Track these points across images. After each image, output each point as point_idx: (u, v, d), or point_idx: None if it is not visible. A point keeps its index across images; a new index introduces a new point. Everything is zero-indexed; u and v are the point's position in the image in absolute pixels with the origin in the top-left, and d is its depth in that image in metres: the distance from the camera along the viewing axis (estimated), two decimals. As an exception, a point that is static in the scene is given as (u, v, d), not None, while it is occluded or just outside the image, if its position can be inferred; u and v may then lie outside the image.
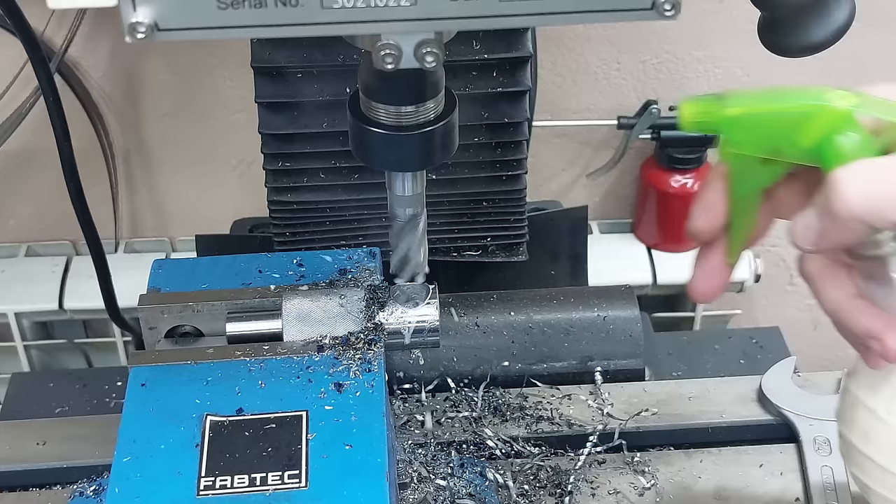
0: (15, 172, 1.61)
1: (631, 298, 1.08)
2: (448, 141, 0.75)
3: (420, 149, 0.74)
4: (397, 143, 0.73)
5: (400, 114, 0.72)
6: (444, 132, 0.74)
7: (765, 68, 1.58)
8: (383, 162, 0.76)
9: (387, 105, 0.72)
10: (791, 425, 0.98)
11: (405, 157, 0.75)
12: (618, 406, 1.01)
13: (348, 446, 0.73)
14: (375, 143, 0.74)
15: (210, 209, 1.65)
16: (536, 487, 0.94)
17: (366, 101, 0.73)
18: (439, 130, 0.73)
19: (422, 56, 0.65)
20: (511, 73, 1.02)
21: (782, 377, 1.01)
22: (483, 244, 1.14)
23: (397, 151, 0.74)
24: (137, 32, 0.60)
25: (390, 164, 0.76)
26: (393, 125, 0.72)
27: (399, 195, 0.79)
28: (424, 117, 0.73)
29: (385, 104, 0.72)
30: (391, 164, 0.76)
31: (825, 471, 0.93)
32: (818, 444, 0.96)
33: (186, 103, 1.57)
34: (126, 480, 0.71)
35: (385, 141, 0.73)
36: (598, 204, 1.72)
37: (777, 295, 1.83)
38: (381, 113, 0.72)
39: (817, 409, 0.99)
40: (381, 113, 0.72)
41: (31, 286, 1.62)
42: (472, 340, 1.04)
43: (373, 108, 0.72)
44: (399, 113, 0.72)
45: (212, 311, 0.86)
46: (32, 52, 1.00)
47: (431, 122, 0.73)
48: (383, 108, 0.72)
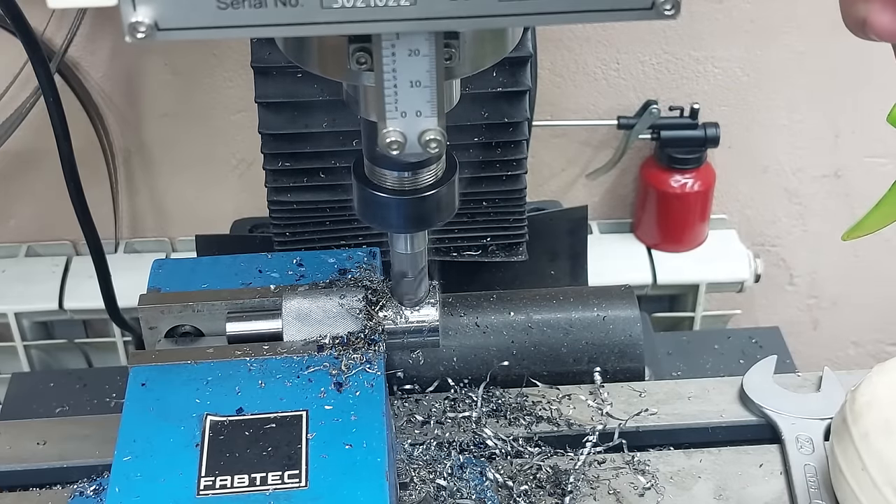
0: (15, 172, 1.61)
1: (631, 298, 1.08)
2: (448, 203, 0.77)
3: (420, 211, 0.76)
4: (398, 206, 0.75)
5: (401, 179, 0.74)
6: (443, 195, 0.76)
7: (765, 68, 1.59)
8: (384, 223, 0.78)
9: (389, 170, 0.74)
10: (773, 425, 0.98)
11: (405, 219, 0.77)
12: (617, 406, 1.01)
13: (348, 446, 0.73)
14: (376, 205, 0.76)
15: (210, 209, 1.65)
16: (536, 487, 0.93)
17: (369, 165, 0.75)
18: (438, 194, 0.75)
19: (425, 143, 0.68)
20: (511, 73, 1.02)
21: (763, 377, 1.02)
22: (483, 244, 1.14)
23: (398, 214, 0.76)
24: (137, 32, 0.60)
25: (392, 226, 0.78)
26: (395, 189, 0.75)
27: (401, 253, 0.81)
28: (425, 182, 0.75)
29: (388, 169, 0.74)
30: (392, 225, 0.78)
31: (808, 469, 0.94)
32: (800, 442, 0.96)
33: (186, 103, 1.57)
34: (126, 480, 0.72)
35: (386, 204, 0.75)
36: (598, 204, 1.72)
37: (777, 295, 1.84)
38: (386, 178, 0.74)
39: (799, 408, 0.99)
40: (385, 177, 0.74)
41: (31, 286, 1.62)
42: (472, 340, 1.04)
43: (376, 172, 0.75)
44: (400, 178, 0.74)
45: (212, 310, 0.86)
46: (32, 52, 1.00)
47: (432, 186, 0.75)
48: (388, 173, 0.74)
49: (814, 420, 0.97)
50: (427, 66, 0.66)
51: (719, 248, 1.69)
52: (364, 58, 0.66)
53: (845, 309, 1.87)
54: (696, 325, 1.71)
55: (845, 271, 1.81)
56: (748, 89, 1.61)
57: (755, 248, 1.74)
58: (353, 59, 0.66)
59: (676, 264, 1.66)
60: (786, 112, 1.64)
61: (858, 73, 1.59)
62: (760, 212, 1.75)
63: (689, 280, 1.66)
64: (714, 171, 1.63)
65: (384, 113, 0.67)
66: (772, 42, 1.56)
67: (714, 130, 1.59)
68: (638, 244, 1.70)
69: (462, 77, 0.71)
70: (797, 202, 1.74)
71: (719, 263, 1.67)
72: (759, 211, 1.75)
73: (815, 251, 1.79)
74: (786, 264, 1.81)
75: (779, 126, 1.65)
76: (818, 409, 0.99)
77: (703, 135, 1.59)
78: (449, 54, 0.67)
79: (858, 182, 1.71)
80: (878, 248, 1.78)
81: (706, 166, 1.62)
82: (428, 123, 0.67)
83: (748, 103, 1.63)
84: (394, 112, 0.67)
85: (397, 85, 0.66)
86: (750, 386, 1.00)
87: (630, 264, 1.66)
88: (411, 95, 0.66)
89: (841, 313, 1.87)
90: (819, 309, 1.87)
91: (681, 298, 1.70)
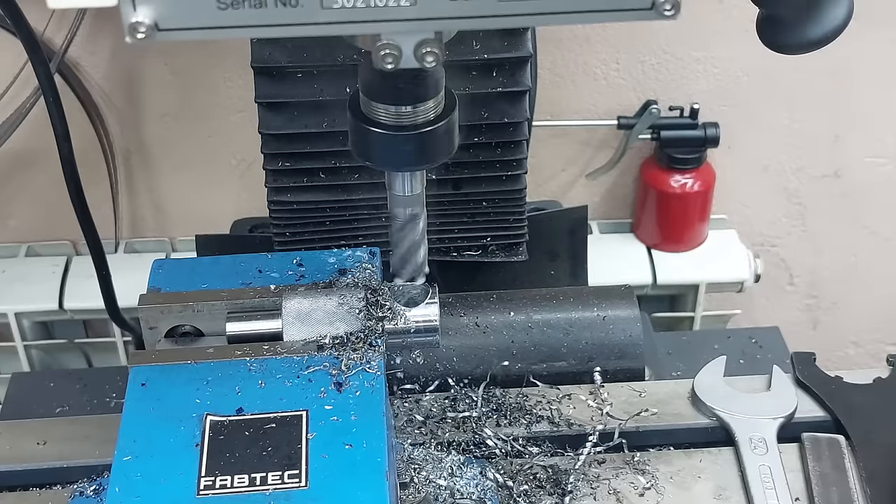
0: (15, 172, 1.61)
1: (631, 298, 1.08)
2: (448, 141, 0.75)
3: (419, 148, 0.74)
4: (396, 142, 0.73)
5: (399, 114, 0.72)
6: (443, 132, 0.74)
7: (765, 68, 1.59)
8: (383, 161, 0.76)
9: (386, 105, 0.72)
10: (726, 426, 0.99)
11: (404, 156, 0.75)
12: (617, 406, 1.01)
13: (348, 446, 0.73)
14: (375, 142, 0.74)
15: (210, 209, 1.65)
16: (536, 487, 0.94)
17: (366, 100, 0.73)
18: (439, 130, 0.73)
19: (421, 56, 0.65)
20: (511, 73, 1.02)
21: (714, 378, 1.02)
22: (483, 244, 1.14)
23: (396, 151, 0.74)
24: (137, 32, 0.60)
25: (389, 164, 0.77)
26: (392, 125, 0.73)
27: (398, 195, 0.79)
28: (424, 117, 0.73)
29: (384, 104, 0.72)
30: (390, 163, 0.76)
31: (763, 469, 0.94)
32: (754, 443, 0.96)
33: (186, 103, 1.57)
34: (126, 480, 0.71)
35: (384, 140, 0.73)
36: (597, 204, 1.72)
37: (777, 295, 1.84)
38: (381, 113, 0.72)
39: (750, 409, 0.99)
40: (380, 113, 0.72)
41: (31, 286, 1.62)
42: (472, 340, 1.04)
43: (373, 107, 0.72)
44: (398, 113, 0.72)
45: (212, 310, 0.86)
46: (32, 52, 1.00)
47: (431, 122, 0.73)
48: (383, 108, 0.72)
49: (766, 420, 0.98)
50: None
51: (719, 248, 1.69)
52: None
53: (845, 309, 1.87)
54: (696, 325, 1.71)
55: (845, 271, 1.81)
56: (748, 89, 1.61)
57: (755, 248, 1.74)
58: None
59: (676, 264, 1.66)
60: (786, 112, 1.64)
61: (858, 73, 1.59)
62: (760, 212, 1.75)
63: (688, 280, 1.66)
64: (714, 171, 1.63)
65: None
66: (772, 42, 1.56)
67: (714, 130, 1.59)
68: (638, 244, 1.70)
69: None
70: (797, 202, 1.74)
71: (719, 263, 1.67)
72: (758, 211, 1.75)
73: (815, 251, 1.79)
74: (786, 264, 1.81)
75: (779, 126, 1.65)
76: (769, 409, 0.99)
77: (702, 135, 1.59)
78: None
79: (858, 182, 1.71)
80: (878, 248, 1.78)
81: (706, 166, 1.62)
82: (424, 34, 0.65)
83: (748, 103, 1.63)
84: None
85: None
86: (701, 388, 1.01)
87: (630, 264, 1.66)
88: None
89: (841, 313, 1.87)
90: (819, 309, 1.87)
91: (681, 298, 1.70)
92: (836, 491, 0.93)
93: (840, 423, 0.99)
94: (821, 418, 1.00)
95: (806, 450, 0.96)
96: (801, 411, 1.00)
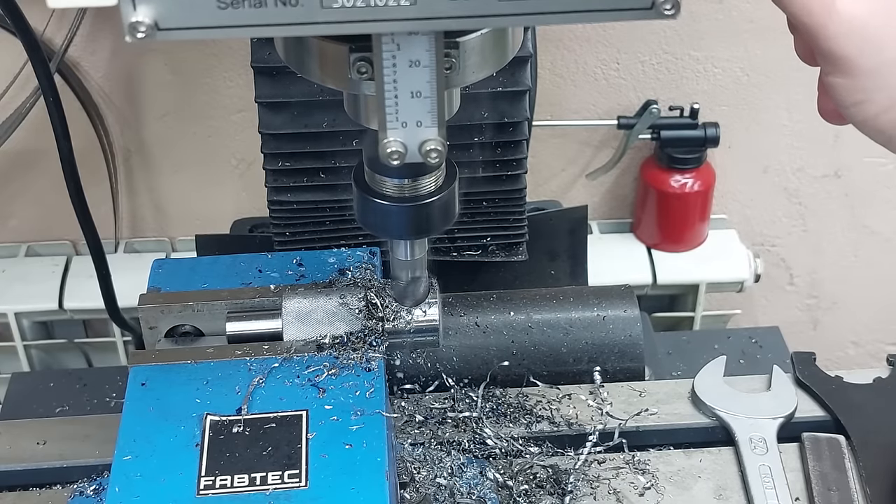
0: (15, 172, 1.61)
1: (631, 298, 1.08)
2: (447, 211, 0.77)
3: (419, 219, 0.76)
4: (398, 213, 0.75)
5: (401, 186, 0.74)
6: (443, 203, 0.76)
7: (764, 68, 1.59)
8: (385, 231, 0.79)
9: (390, 178, 0.74)
10: (726, 426, 0.99)
11: (404, 226, 0.77)
12: (617, 406, 1.01)
13: (348, 446, 0.73)
14: (376, 212, 0.76)
15: (210, 209, 1.65)
16: (536, 487, 0.93)
17: (370, 172, 0.75)
18: (438, 202, 0.75)
19: (426, 153, 0.68)
20: (511, 73, 1.02)
21: (714, 378, 1.02)
22: (483, 244, 1.14)
23: (398, 221, 0.76)
24: (137, 32, 0.60)
25: (391, 233, 0.79)
26: (395, 196, 0.75)
27: (400, 259, 0.81)
28: (425, 189, 0.75)
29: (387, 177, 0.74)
30: (392, 233, 0.79)
31: (763, 469, 0.94)
32: (754, 443, 0.96)
33: (186, 103, 1.57)
34: (126, 480, 0.72)
35: (385, 211, 0.75)
36: (597, 204, 1.72)
37: (777, 295, 1.84)
38: (384, 184, 0.75)
39: (750, 409, 0.99)
40: (384, 184, 0.75)
41: (31, 286, 1.62)
42: (472, 340, 1.04)
43: (375, 179, 0.75)
44: (400, 185, 0.74)
45: (212, 310, 0.86)
46: (32, 52, 1.00)
47: (432, 194, 0.75)
48: (385, 180, 0.74)
49: (766, 419, 0.98)
50: (427, 77, 0.66)
51: (719, 248, 1.69)
52: (365, 67, 0.66)
53: (845, 309, 1.87)
54: (696, 325, 1.70)
55: (845, 271, 1.81)
56: (748, 89, 1.61)
57: (755, 248, 1.74)
58: (353, 69, 0.66)
59: (676, 264, 1.66)
60: (786, 112, 1.64)
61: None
62: (760, 212, 1.75)
63: (689, 280, 1.66)
64: (714, 171, 1.63)
65: (385, 123, 0.67)
66: (772, 42, 1.56)
67: (714, 130, 1.59)
68: (638, 244, 1.69)
69: (462, 86, 0.71)
70: (797, 202, 1.74)
71: (719, 263, 1.67)
72: (759, 211, 1.75)
73: (815, 251, 1.79)
74: (786, 264, 1.81)
75: (779, 126, 1.65)
76: (769, 409, 0.99)
77: (703, 135, 1.59)
78: (449, 64, 0.67)
79: (858, 182, 1.71)
80: (878, 248, 1.78)
81: (706, 166, 1.62)
82: (428, 133, 0.68)
83: (748, 103, 1.63)
84: (394, 122, 0.67)
85: (398, 95, 0.66)
86: (701, 388, 1.01)
87: (630, 264, 1.66)
88: (412, 106, 0.67)
89: (841, 313, 1.87)
90: (819, 309, 1.87)
91: (681, 298, 1.70)
92: (836, 491, 0.93)
93: (840, 422, 0.99)
94: (821, 418, 1.00)
95: (806, 450, 0.96)
96: (801, 411, 1.00)
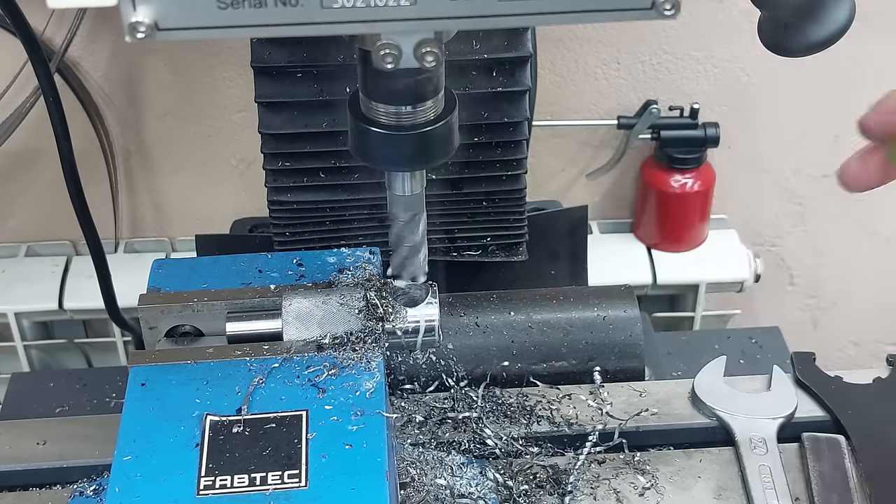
0: (15, 172, 1.61)
1: (631, 298, 1.08)
2: (447, 141, 0.75)
3: (419, 148, 0.74)
4: (396, 142, 0.73)
5: (399, 113, 0.72)
6: (443, 132, 0.74)
7: (765, 68, 1.59)
8: (382, 161, 0.76)
9: (386, 105, 0.72)
10: (726, 426, 0.99)
11: (404, 156, 0.75)
12: (617, 406, 1.01)
13: (348, 446, 0.73)
14: (374, 142, 0.74)
15: (210, 209, 1.65)
16: (536, 487, 0.93)
17: (365, 100, 0.73)
18: (438, 130, 0.73)
19: (421, 56, 0.65)
20: (511, 73, 1.02)
21: (713, 378, 1.02)
22: (483, 244, 1.14)
23: (396, 151, 0.74)
24: (137, 32, 0.60)
25: (389, 164, 0.77)
26: (392, 125, 0.72)
27: (398, 195, 0.79)
28: (423, 117, 0.73)
29: (384, 104, 0.72)
30: (390, 163, 0.76)
31: (763, 469, 0.94)
32: (754, 443, 0.96)
33: (186, 103, 1.57)
34: (126, 480, 0.71)
35: (384, 140, 0.73)
36: (597, 204, 1.72)
37: (777, 295, 1.84)
38: (381, 112, 0.72)
39: (750, 409, 0.99)
40: (380, 112, 0.72)
41: (31, 286, 1.62)
42: (472, 340, 1.04)
43: (372, 107, 0.72)
44: (398, 113, 0.72)
45: (212, 310, 0.86)
46: (32, 52, 1.00)
47: (430, 122, 0.73)
48: (383, 108, 0.72)
49: (766, 420, 0.98)
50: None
51: (719, 248, 1.69)
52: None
53: (845, 309, 1.87)
54: (696, 325, 1.71)
55: (845, 271, 1.81)
56: (748, 89, 1.61)
57: (755, 248, 1.74)
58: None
59: (676, 264, 1.66)
60: (786, 112, 1.64)
61: (858, 73, 1.59)
62: (760, 212, 1.75)
63: (689, 280, 1.66)
64: (714, 171, 1.63)
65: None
66: (772, 42, 1.56)
67: (714, 130, 1.59)
68: (638, 244, 1.70)
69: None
70: (797, 202, 1.74)
71: (719, 263, 1.67)
72: (758, 211, 1.75)
73: (815, 251, 1.79)
74: (786, 264, 1.81)
75: (779, 126, 1.65)
76: (769, 409, 0.99)
77: (702, 135, 1.59)
78: None
79: (858, 182, 1.71)
80: (878, 248, 1.78)
81: (706, 166, 1.62)
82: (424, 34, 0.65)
83: (748, 103, 1.63)
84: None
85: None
86: (701, 388, 1.01)
87: (630, 264, 1.66)
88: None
89: (841, 313, 1.87)
90: (819, 309, 1.87)
91: (681, 298, 1.70)
92: (836, 491, 0.93)
93: (840, 423, 0.99)
94: (821, 418, 1.00)
95: (806, 450, 0.96)
96: (801, 411, 1.00)
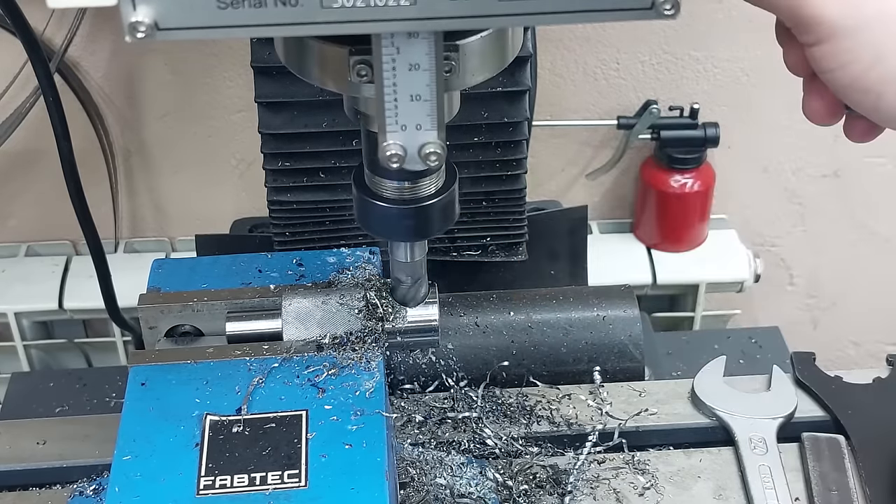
0: (15, 172, 1.61)
1: (631, 298, 1.08)
2: (448, 213, 0.77)
3: (419, 221, 0.76)
4: (397, 215, 0.75)
5: (401, 188, 0.74)
6: (443, 205, 0.76)
7: (765, 68, 1.59)
8: (384, 232, 0.79)
9: (388, 180, 0.74)
10: (725, 426, 0.99)
11: (404, 228, 0.77)
12: (617, 406, 1.01)
13: (348, 446, 0.73)
14: (376, 214, 0.76)
15: (210, 209, 1.65)
16: (536, 487, 0.93)
17: (369, 174, 0.75)
18: (438, 204, 0.75)
19: (425, 156, 0.68)
20: (511, 73, 1.02)
21: (713, 378, 1.02)
22: (483, 244, 1.14)
23: (397, 223, 0.76)
24: (137, 32, 0.60)
25: (390, 235, 0.79)
26: (394, 198, 0.75)
27: (400, 262, 0.81)
28: (425, 191, 0.75)
29: (387, 179, 0.74)
30: (391, 234, 0.79)
31: (763, 469, 0.94)
32: (754, 443, 0.96)
33: (186, 103, 1.57)
34: (126, 480, 0.72)
35: (385, 213, 0.75)
36: (597, 204, 1.72)
37: (777, 295, 1.84)
38: (383, 186, 0.75)
39: (750, 409, 0.99)
40: (383, 186, 0.75)
41: (31, 286, 1.62)
42: (472, 340, 1.04)
43: (375, 181, 0.75)
44: (400, 188, 0.74)
45: (212, 310, 0.86)
46: (32, 52, 1.00)
47: (431, 196, 0.75)
48: (385, 182, 0.74)
49: (766, 419, 0.98)
50: (427, 80, 0.66)
51: (719, 248, 1.69)
52: (364, 70, 0.66)
53: (845, 309, 1.87)
54: (696, 325, 1.71)
55: (845, 271, 1.81)
56: (748, 89, 1.61)
57: (755, 248, 1.74)
58: (353, 72, 0.66)
59: (676, 264, 1.66)
60: (786, 112, 1.63)
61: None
62: (760, 212, 1.75)
63: (688, 280, 1.66)
64: (714, 171, 1.63)
65: (384, 126, 0.67)
66: (772, 42, 1.55)
67: (714, 130, 1.59)
68: (638, 244, 1.70)
69: (461, 89, 0.71)
70: (797, 202, 1.74)
71: (719, 263, 1.67)
72: (758, 211, 1.75)
73: (815, 251, 1.79)
74: (786, 264, 1.81)
75: (779, 126, 1.65)
76: (769, 409, 0.99)
77: (702, 135, 1.59)
78: (449, 67, 0.67)
79: (858, 182, 1.71)
80: (878, 248, 1.78)
81: (706, 166, 1.62)
82: (428, 136, 0.68)
83: (748, 103, 1.63)
84: (394, 125, 0.67)
85: (398, 98, 0.66)
86: (701, 388, 1.01)
87: (630, 264, 1.66)
88: (411, 109, 0.67)
89: (841, 313, 1.87)
90: (819, 309, 1.87)
91: (681, 298, 1.70)
92: (835, 491, 0.93)
93: (840, 423, 0.99)
94: (821, 418, 1.00)
95: (806, 450, 0.96)
96: (800, 411, 1.00)
